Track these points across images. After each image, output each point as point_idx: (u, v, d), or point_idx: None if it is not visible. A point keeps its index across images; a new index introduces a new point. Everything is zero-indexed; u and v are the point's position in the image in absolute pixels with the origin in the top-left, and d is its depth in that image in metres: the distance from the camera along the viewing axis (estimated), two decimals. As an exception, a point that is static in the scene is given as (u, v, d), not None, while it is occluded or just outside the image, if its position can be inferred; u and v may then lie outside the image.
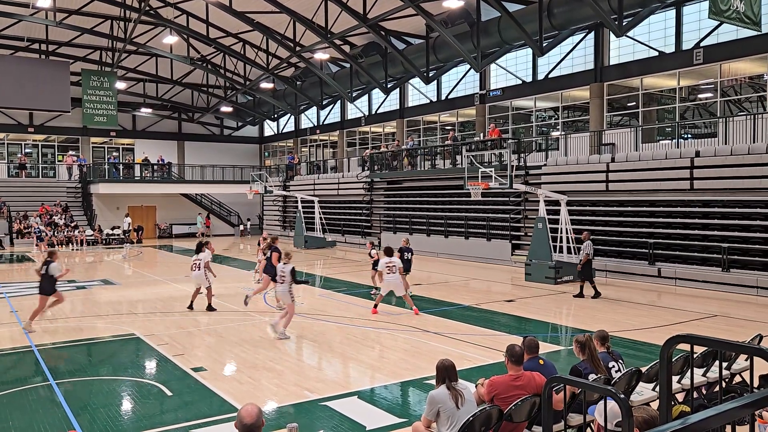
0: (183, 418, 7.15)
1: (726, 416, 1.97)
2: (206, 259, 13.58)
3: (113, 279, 19.49)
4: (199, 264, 13.48)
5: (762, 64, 18.37)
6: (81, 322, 12.86)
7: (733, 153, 16.78)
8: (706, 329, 11.58)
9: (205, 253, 13.65)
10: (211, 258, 14.15)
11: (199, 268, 13.47)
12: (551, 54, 23.82)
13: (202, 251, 13.69)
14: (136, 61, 34.73)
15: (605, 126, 22.49)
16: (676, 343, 2.67)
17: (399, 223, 28.42)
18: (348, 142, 37.65)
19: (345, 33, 26.43)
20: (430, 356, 9.45)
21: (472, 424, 4.84)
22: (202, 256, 13.56)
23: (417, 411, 7.09)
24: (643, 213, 18.92)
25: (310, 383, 8.43)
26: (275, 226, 39.03)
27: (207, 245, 14.07)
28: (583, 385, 4.12)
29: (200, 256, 13.55)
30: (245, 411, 3.69)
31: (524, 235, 22.48)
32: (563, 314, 13.90)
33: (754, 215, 16.25)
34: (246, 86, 35.25)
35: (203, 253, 13.63)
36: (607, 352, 6.24)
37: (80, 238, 32.34)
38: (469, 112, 28.57)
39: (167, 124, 43.14)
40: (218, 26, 29.39)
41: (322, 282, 19.23)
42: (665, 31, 20.80)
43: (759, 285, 15.29)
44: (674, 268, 17.24)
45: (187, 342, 10.85)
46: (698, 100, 20.76)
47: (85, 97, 31.02)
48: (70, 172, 37.39)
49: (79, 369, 9.38)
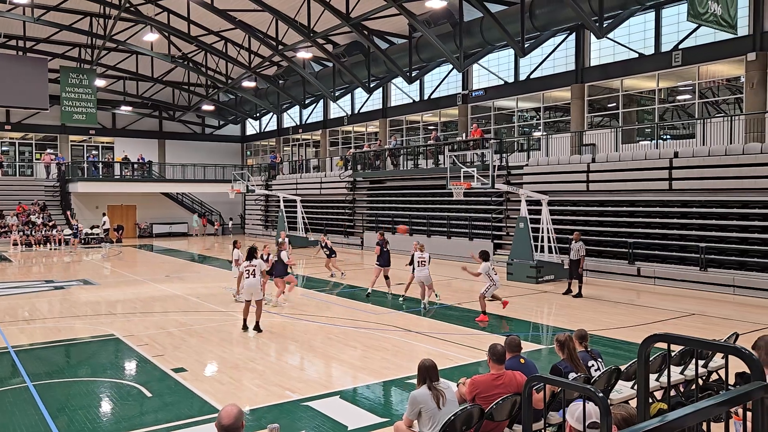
0: (163, 419, 7.09)
1: (702, 414, 2.00)
2: (261, 267, 11.86)
3: (92, 279, 19.25)
4: (253, 271, 11.66)
5: (738, 67, 18.67)
6: (59, 322, 12.69)
7: (711, 154, 17.03)
8: (684, 327, 11.74)
9: (259, 260, 11.91)
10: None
11: (253, 275, 11.62)
12: (533, 55, 23.99)
13: (256, 257, 11.94)
14: (116, 59, 34.32)
15: (586, 127, 22.71)
16: (653, 342, 2.71)
17: (382, 223, 28.41)
18: (331, 141, 37.57)
19: (328, 32, 26.37)
20: (412, 356, 9.46)
21: (454, 424, 4.86)
22: (257, 262, 11.78)
23: (399, 410, 7.10)
24: (622, 213, 19.12)
25: (291, 383, 8.40)
26: (257, 226, 38.84)
27: (264, 249, 13.32)
28: (562, 384, 4.15)
29: (254, 262, 11.75)
30: (224, 412, 3.66)
31: (506, 234, 22.61)
32: (544, 313, 14.01)
33: (730, 215, 16.50)
34: (228, 85, 35.02)
35: (257, 260, 11.86)
36: (587, 351, 6.30)
37: (58, 238, 31.90)
38: (452, 112, 28.67)
39: (148, 122, 42.71)
40: (200, 24, 29.15)
41: (304, 281, 19.17)
42: (645, 33, 21.06)
43: (735, 284, 15.53)
44: (653, 267, 17.45)
45: (168, 342, 10.76)
46: (677, 101, 21.04)
47: (63, 94, 30.58)
48: (48, 171, 36.87)
49: (56, 370, 9.25)
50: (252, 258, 11.80)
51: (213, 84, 36.66)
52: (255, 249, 12.26)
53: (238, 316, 13.06)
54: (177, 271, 21.54)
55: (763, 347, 4.21)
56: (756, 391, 2.16)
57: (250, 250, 12.15)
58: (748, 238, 15.99)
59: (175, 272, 21.23)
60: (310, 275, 20.32)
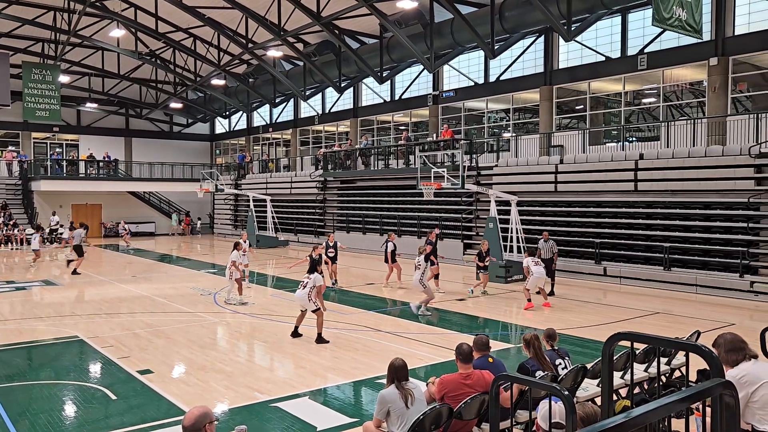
0: (128, 422, 6.96)
1: (665, 410, 2.04)
2: (317, 282, 10.71)
3: (55, 280, 18.81)
4: (306, 283, 10.72)
5: (701, 71, 19.13)
6: (20, 324, 12.36)
7: (675, 156, 17.42)
8: (649, 326, 11.98)
9: (316, 275, 10.78)
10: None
11: (303, 287, 10.73)
12: (503, 57, 24.23)
13: (317, 271, 10.93)
14: (81, 54, 33.57)
15: (554, 128, 23.02)
16: (617, 341, 2.75)
17: (352, 223, 28.39)
18: (301, 140, 37.38)
19: (298, 31, 26.23)
20: (382, 355, 9.47)
21: (422, 423, 4.87)
22: (314, 276, 10.74)
23: (369, 410, 7.09)
24: (590, 213, 19.43)
25: (260, 384, 8.32)
26: (227, 226, 38.43)
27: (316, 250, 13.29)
28: (529, 382, 4.20)
29: (311, 276, 10.75)
30: (188, 414, 3.61)
31: (476, 234, 22.78)
32: (513, 313, 14.15)
33: (693, 216, 16.90)
34: (196, 82, 34.56)
35: (315, 274, 10.80)
36: (554, 349, 6.38)
37: (20, 237, 31.09)
38: (423, 113, 28.78)
39: (114, 119, 41.90)
40: (168, 20, 28.70)
41: (274, 282, 19.04)
42: (611, 36, 21.44)
43: (698, 283, 15.92)
44: (619, 267, 17.77)
45: (134, 344, 10.56)
46: (642, 104, 21.47)
47: (25, 90, 29.76)
48: (10, 169, 35.90)
49: (17, 373, 9.01)
50: (313, 272, 10.90)
51: (181, 82, 36.15)
52: (316, 262, 11.81)
53: (205, 317, 12.90)
54: (144, 272, 21.18)
55: (723, 345, 4.32)
56: (715, 387, 2.21)
57: (312, 263, 11.62)
58: (711, 239, 16.40)
59: (142, 272, 20.88)
60: (279, 275, 20.18)
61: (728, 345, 4.30)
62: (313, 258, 12.74)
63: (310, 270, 11.06)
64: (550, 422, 3.77)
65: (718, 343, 4.35)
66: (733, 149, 16.40)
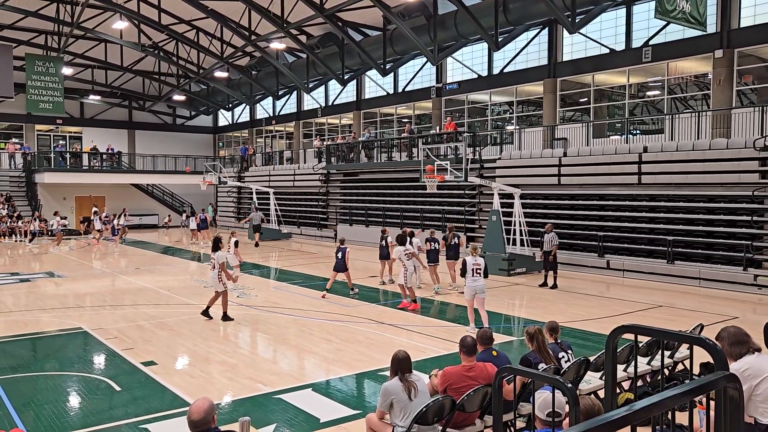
0: (132, 413, 6.99)
1: (668, 403, 2.04)
2: (219, 260, 11.27)
3: (59, 271, 18.87)
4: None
5: (706, 63, 19.02)
6: (25, 315, 12.42)
7: (679, 149, 17.36)
8: (652, 319, 11.97)
9: (218, 253, 11.40)
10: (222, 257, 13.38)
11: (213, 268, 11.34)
12: (506, 49, 24.13)
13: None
14: (84, 47, 33.52)
15: (558, 121, 22.94)
16: (620, 334, 2.75)
17: (355, 215, 28.39)
18: (304, 133, 37.34)
19: (301, 23, 26.15)
20: (385, 348, 9.49)
21: (425, 415, 4.89)
22: (216, 255, 11.35)
23: (372, 402, 7.12)
24: (593, 206, 19.39)
25: (263, 376, 8.35)
26: (230, 218, 38.44)
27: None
28: (532, 375, 4.20)
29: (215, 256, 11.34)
30: (195, 406, 3.63)
31: (479, 227, 22.77)
32: (516, 306, 14.15)
33: (697, 209, 16.85)
34: (199, 75, 34.51)
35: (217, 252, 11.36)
36: (557, 343, 6.38)
37: (24, 229, 31.15)
38: (426, 105, 28.70)
39: (117, 112, 41.89)
40: (171, 12, 28.62)
41: (278, 274, 19.07)
42: (616, 29, 21.32)
43: (701, 276, 15.89)
44: (622, 260, 17.75)
45: (137, 336, 10.61)
46: (646, 97, 21.37)
47: (29, 82, 29.77)
48: (13, 161, 35.95)
49: (22, 364, 9.05)
50: (216, 250, 11.59)
51: (184, 74, 36.09)
52: (218, 240, 11.93)
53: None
54: (148, 264, 21.24)
55: (726, 338, 4.32)
56: (719, 380, 2.21)
57: (215, 242, 11.82)
58: (714, 232, 16.36)
59: (146, 265, 20.93)
60: (283, 268, 20.20)
61: (732, 338, 4.30)
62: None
63: (214, 248, 11.66)
64: (542, 411, 3.77)
65: (722, 336, 4.34)
66: (737, 142, 16.34)
